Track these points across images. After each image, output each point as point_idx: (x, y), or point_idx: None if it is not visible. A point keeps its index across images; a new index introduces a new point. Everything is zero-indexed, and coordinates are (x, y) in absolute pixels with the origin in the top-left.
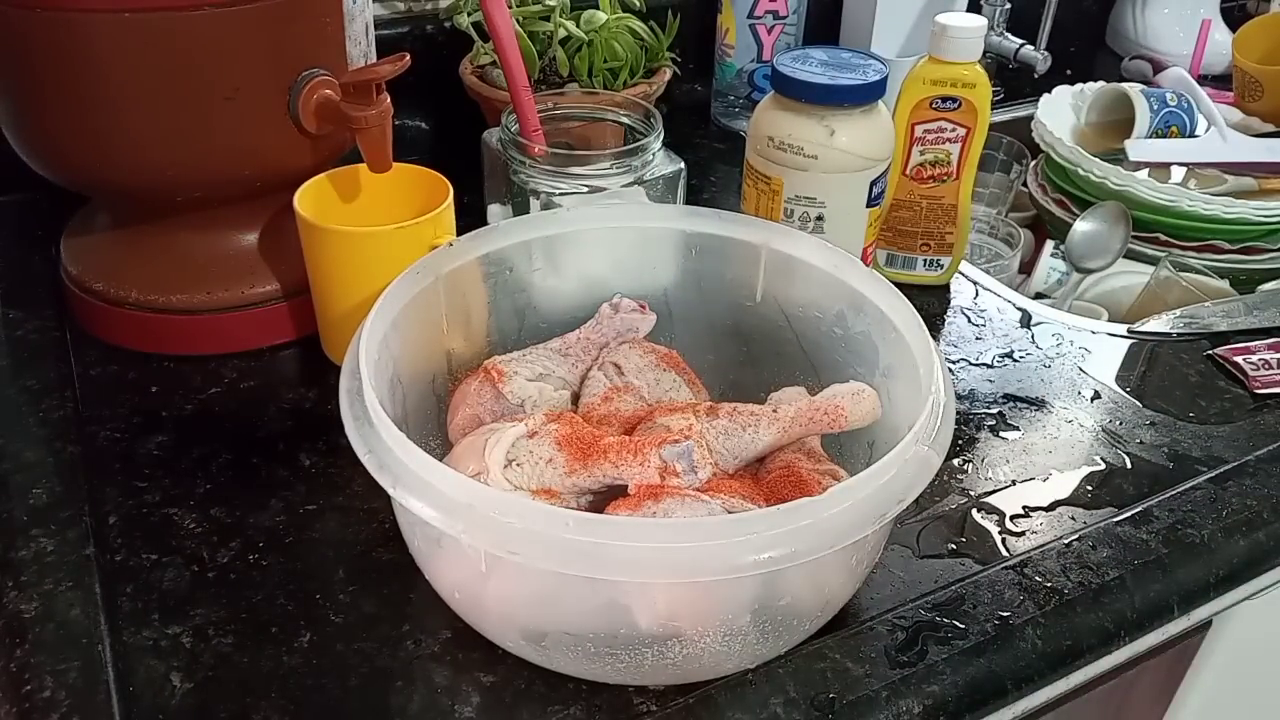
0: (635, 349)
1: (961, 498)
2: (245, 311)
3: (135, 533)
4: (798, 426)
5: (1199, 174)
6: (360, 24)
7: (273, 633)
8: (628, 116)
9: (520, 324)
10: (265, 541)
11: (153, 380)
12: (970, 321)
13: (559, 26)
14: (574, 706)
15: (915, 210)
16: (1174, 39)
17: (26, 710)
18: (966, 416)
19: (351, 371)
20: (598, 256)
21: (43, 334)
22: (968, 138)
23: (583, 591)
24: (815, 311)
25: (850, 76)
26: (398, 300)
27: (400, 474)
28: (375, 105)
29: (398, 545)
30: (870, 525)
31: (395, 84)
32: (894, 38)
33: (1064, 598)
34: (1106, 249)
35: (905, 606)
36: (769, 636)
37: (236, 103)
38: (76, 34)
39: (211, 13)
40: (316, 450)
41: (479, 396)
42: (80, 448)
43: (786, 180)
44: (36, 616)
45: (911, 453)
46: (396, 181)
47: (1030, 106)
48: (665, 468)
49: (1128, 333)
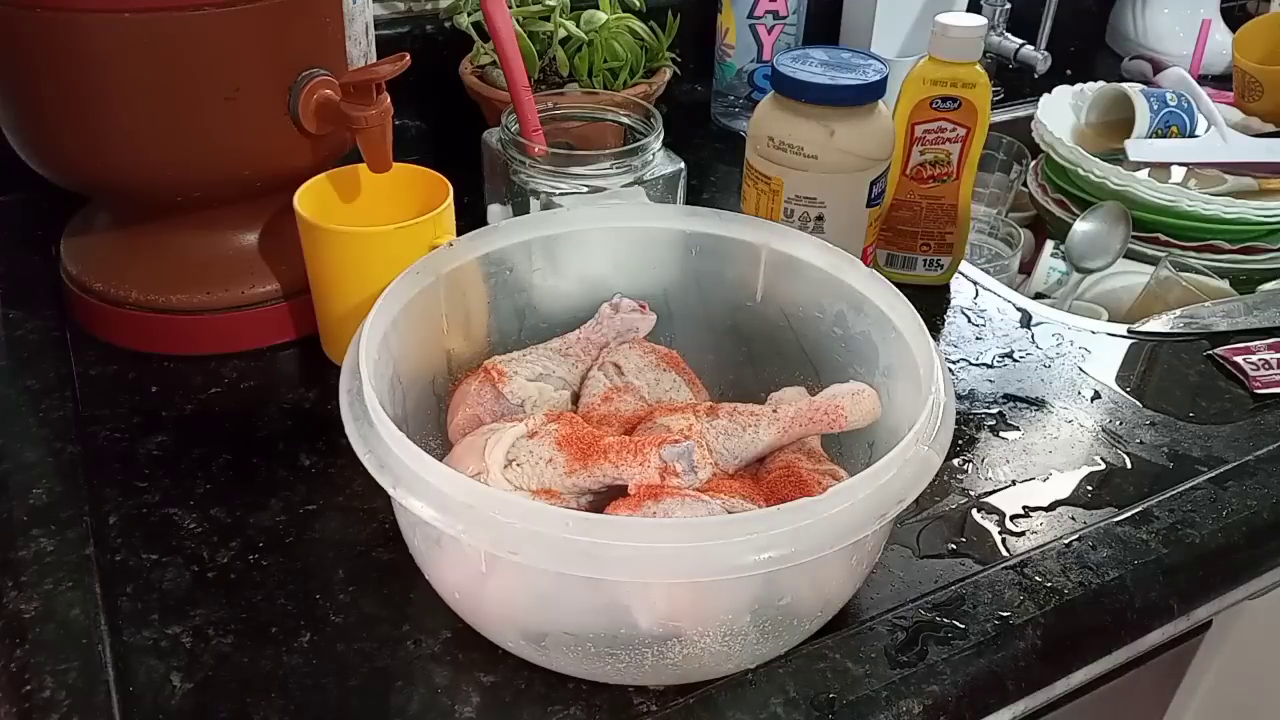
0: (635, 349)
1: (961, 498)
2: (245, 311)
3: (135, 533)
4: (798, 426)
5: (1199, 174)
6: (360, 24)
7: (273, 633)
8: (628, 116)
9: (520, 324)
10: (265, 541)
11: (153, 380)
12: (970, 321)
13: (559, 26)
14: (574, 706)
15: (915, 210)
16: (1174, 39)
17: (26, 710)
18: (966, 416)
19: (351, 371)
20: (598, 256)
21: (43, 334)
22: (968, 138)
23: (583, 591)
24: (815, 311)
25: (850, 76)
26: (398, 300)
27: (400, 474)
28: (375, 105)
29: (398, 545)
30: (870, 525)
31: (395, 84)
32: (894, 38)
33: (1064, 598)
34: (1106, 249)
35: (905, 606)
36: (769, 636)
37: (236, 103)
38: (76, 34)
39: (211, 13)
40: (316, 450)
41: (479, 396)
42: (80, 448)
43: (786, 180)
44: (36, 616)
45: (911, 453)
46: (396, 181)
47: (1030, 106)
48: (665, 468)
49: (1128, 333)
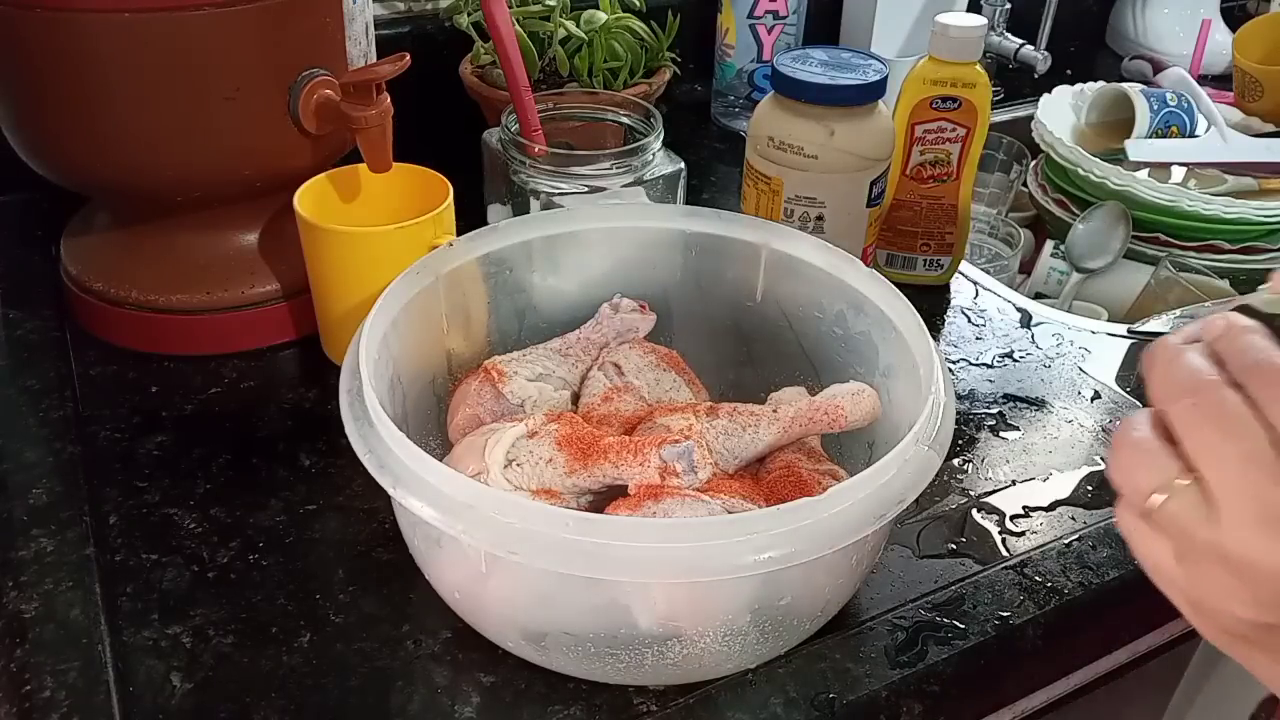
0: (635, 349)
1: (961, 498)
2: (245, 311)
3: (135, 533)
4: (798, 426)
5: (1199, 174)
6: (360, 24)
7: (273, 633)
8: (628, 116)
9: (520, 324)
10: (265, 541)
11: (153, 380)
12: (970, 321)
13: (559, 26)
14: (574, 706)
15: (915, 210)
16: (1174, 39)
17: (26, 710)
18: (966, 416)
19: (351, 371)
20: (598, 256)
21: (43, 334)
22: (968, 138)
23: (583, 591)
24: (815, 311)
25: (850, 76)
26: (398, 300)
27: (400, 474)
28: (375, 105)
29: (398, 545)
30: (870, 525)
31: (395, 84)
32: (894, 38)
33: (1064, 598)
34: (1106, 249)
35: (905, 606)
36: (769, 636)
37: (236, 103)
38: (76, 34)
39: (211, 13)
40: (316, 450)
41: (479, 396)
42: (80, 448)
43: (786, 180)
44: (36, 616)
45: (911, 453)
46: (396, 181)
47: (1030, 106)
48: (665, 468)
49: (1128, 333)
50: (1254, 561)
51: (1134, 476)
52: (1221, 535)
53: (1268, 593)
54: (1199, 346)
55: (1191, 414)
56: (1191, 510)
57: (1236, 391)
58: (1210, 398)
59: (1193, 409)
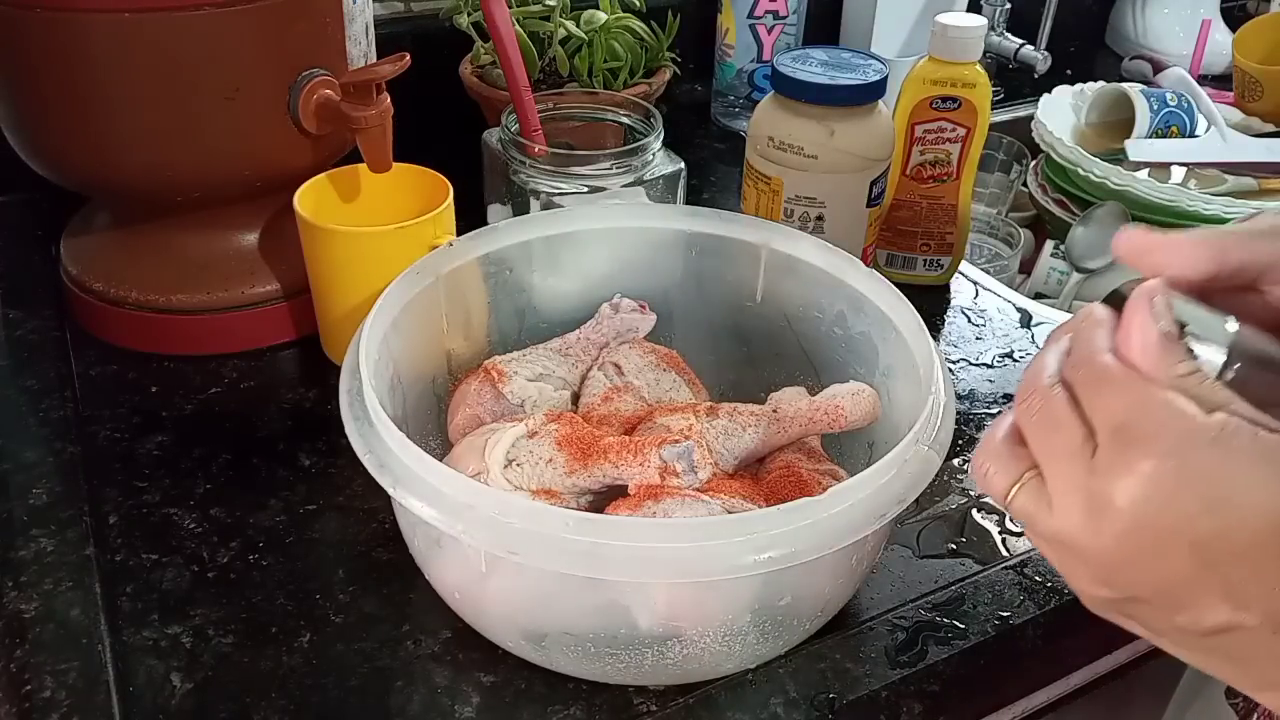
0: (635, 349)
1: (961, 498)
2: (245, 311)
3: (135, 533)
4: (798, 426)
5: (1199, 174)
6: (360, 24)
7: (273, 633)
8: (628, 116)
9: (520, 324)
10: (265, 541)
11: (153, 380)
12: (970, 321)
13: (559, 26)
14: (574, 706)
15: (915, 210)
16: (1174, 39)
17: (26, 710)
18: (966, 416)
19: (351, 371)
20: (598, 256)
21: (43, 334)
22: (968, 138)
23: (583, 591)
24: (815, 311)
25: (850, 76)
26: (398, 300)
27: (400, 474)
28: (375, 105)
29: (398, 545)
30: (870, 525)
31: (395, 84)
32: (894, 38)
33: (1064, 598)
34: (1106, 249)
35: (905, 606)
36: (769, 636)
37: (236, 103)
38: (76, 34)
39: (211, 13)
40: (316, 450)
41: (479, 396)
42: (80, 448)
43: (786, 180)
44: (36, 616)
45: (911, 453)
46: (396, 181)
47: (1030, 106)
48: (665, 468)
49: None
50: (1085, 546)
51: (990, 479)
52: (1056, 524)
53: (1104, 572)
54: (1064, 341)
55: (1026, 413)
56: (1034, 503)
57: (1066, 389)
58: (1039, 397)
59: (1027, 408)
